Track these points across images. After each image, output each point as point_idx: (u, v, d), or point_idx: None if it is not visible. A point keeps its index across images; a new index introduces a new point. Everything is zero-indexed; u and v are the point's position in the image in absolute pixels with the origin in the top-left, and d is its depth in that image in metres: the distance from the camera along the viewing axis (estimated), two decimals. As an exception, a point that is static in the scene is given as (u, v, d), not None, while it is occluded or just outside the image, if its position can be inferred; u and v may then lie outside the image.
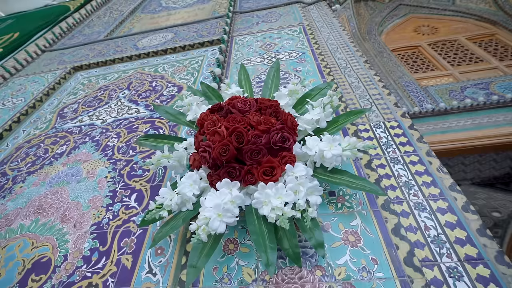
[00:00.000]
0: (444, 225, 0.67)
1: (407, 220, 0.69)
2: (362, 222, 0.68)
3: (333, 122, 0.80)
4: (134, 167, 1.04)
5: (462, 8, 3.98)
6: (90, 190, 1.00)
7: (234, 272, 0.65)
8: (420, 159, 0.83)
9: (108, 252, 0.80)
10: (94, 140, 1.23)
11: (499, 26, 3.57)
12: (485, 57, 3.25)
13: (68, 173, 1.10)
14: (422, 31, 3.91)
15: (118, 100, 1.47)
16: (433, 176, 0.78)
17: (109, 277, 0.74)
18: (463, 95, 2.77)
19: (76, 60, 2.00)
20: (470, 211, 0.68)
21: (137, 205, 0.90)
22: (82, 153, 1.18)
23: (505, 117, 2.52)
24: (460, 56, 3.37)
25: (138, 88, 1.52)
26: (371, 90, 1.12)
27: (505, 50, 3.28)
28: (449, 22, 3.90)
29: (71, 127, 1.36)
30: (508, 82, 2.80)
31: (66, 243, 0.85)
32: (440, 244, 0.64)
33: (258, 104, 0.79)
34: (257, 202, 0.64)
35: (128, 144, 1.16)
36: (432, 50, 3.54)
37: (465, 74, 3.12)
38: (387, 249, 0.63)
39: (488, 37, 3.53)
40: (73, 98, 1.60)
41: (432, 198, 0.73)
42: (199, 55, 1.69)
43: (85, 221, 0.90)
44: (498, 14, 3.70)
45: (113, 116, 1.36)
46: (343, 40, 1.49)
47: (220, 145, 0.67)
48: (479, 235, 0.64)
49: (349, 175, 0.69)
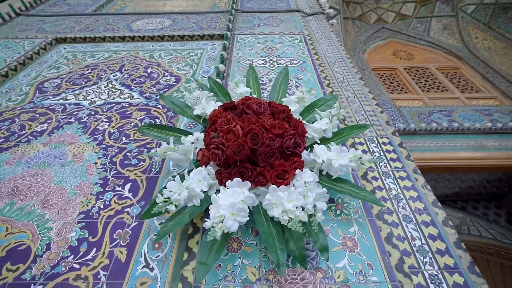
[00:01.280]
0: (427, 237, 0.75)
1: (396, 230, 0.76)
2: (359, 230, 0.74)
3: (338, 133, 0.85)
4: (128, 155, 1.00)
5: (435, 40, 4.40)
6: (77, 175, 0.94)
7: (238, 271, 0.66)
8: (408, 175, 0.91)
9: (99, 243, 0.75)
10: (81, 121, 1.15)
11: (463, 61, 4.01)
12: (450, 88, 3.62)
13: (50, 154, 1.01)
14: (400, 55, 4.24)
15: (108, 82, 1.38)
16: (418, 191, 0.86)
17: (100, 269, 0.70)
18: (430, 119, 3.06)
19: (59, 31, 1.84)
20: (448, 226, 0.78)
21: (132, 196, 0.87)
22: (67, 134, 1.09)
23: (462, 143, 2.84)
24: (430, 83, 3.71)
25: (131, 72, 1.45)
26: (365, 106, 1.20)
27: (466, 83, 3.69)
28: (423, 51, 4.28)
29: (53, 104, 1.25)
30: (466, 112, 3.16)
31: (49, 230, 0.79)
32: (424, 254, 0.71)
33: (271, 107, 0.81)
34: (268, 203, 0.66)
35: (121, 130, 1.10)
36: (407, 74, 3.85)
37: (433, 100, 3.45)
38: (381, 256, 0.68)
39: (454, 70, 3.94)
40: (55, 72, 1.47)
41: (417, 211, 0.81)
42: (198, 47, 1.66)
43: (71, 209, 0.84)
44: (463, 51, 4.14)
45: (103, 98, 1.28)
46: (340, 55, 1.57)
47: (235, 144, 0.68)
48: (455, 247, 0.73)
49: (351, 184, 0.75)
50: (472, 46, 4.07)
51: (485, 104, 3.25)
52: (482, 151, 2.75)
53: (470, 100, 3.35)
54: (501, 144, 2.75)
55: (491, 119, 2.98)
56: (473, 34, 4.10)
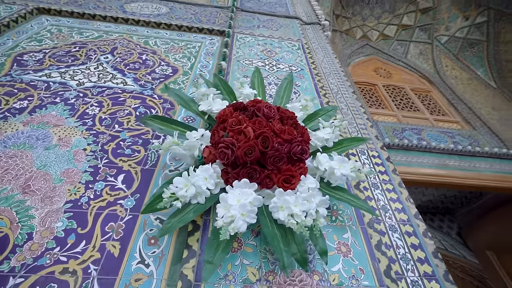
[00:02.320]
0: (410, 246, 0.82)
1: (384, 238, 0.82)
2: (352, 236, 0.78)
3: (338, 143, 0.89)
4: (121, 144, 0.95)
5: (411, 63, 4.74)
6: (63, 161, 0.87)
7: (238, 270, 0.66)
8: (394, 188, 0.98)
9: (89, 235, 0.71)
10: (67, 103, 1.07)
11: (434, 86, 4.37)
12: (421, 108, 3.93)
13: (31, 135, 0.93)
14: (380, 73, 4.50)
15: (99, 64, 1.30)
16: (403, 204, 0.94)
17: (90, 264, 0.66)
18: (403, 135, 3.30)
19: (41, 0, 1.68)
20: (428, 237, 0.85)
21: (125, 188, 0.83)
22: (51, 115, 1.01)
23: (428, 160, 3.10)
24: (404, 102, 4.00)
25: (124, 56, 1.37)
26: (358, 119, 1.26)
27: (435, 106, 4.04)
28: (401, 72, 4.59)
29: (34, 80, 1.15)
30: (434, 133, 3.46)
31: (31, 219, 0.72)
32: (406, 261, 0.78)
33: (280, 113, 0.82)
34: (274, 206, 0.67)
35: (113, 117, 1.04)
36: (385, 91, 4.11)
37: (406, 118, 3.71)
38: (372, 262, 0.73)
39: (425, 93, 4.28)
40: (37, 46, 1.34)
41: (402, 222, 0.88)
42: (196, 40, 1.62)
43: (57, 196, 0.78)
44: (435, 76, 4.52)
45: (92, 80, 1.19)
46: (335, 67, 1.63)
47: (246, 145, 0.69)
48: (433, 256, 0.81)
49: (348, 193, 0.79)
50: (442, 73, 4.46)
51: (449, 127, 3.58)
52: (444, 169, 3.03)
53: (437, 122, 3.66)
54: (460, 165, 3.05)
55: (453, 141, 3.28)
56: (444, 62, 4.49)
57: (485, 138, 3.40)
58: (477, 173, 2.98)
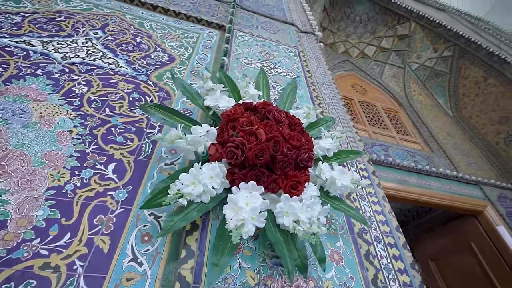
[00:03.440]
0: (392, 257, 0.88)
1: (370, 248, 0.86)
2: (343, 245, 0.82)
3: (336, 154, 0.92)
4: (112, 130, 0.88)
5: (385, 84, 5.10)
6: (44, 141, 0.78)
7: (237, 274, 0.65)
8: (378, 201, 1.05)
9: (75, 228, 0.65)
10: (51, 77, 0.96)
11: (402, 107, 4.76)
12: (389, 127, 4.25)
13: (5, 108, 0.81)
14: (356, 88, 4.77)
15: (88, 39, 1.18)
16: (386, 216, 1.00)
17: (76, 259, 0.60)
18: (372, 150, 3.53)
19: (20, -44, 1.48)
20: (406, 249, 0.93)
21: (117, 178, 0.77)
22: (31, 88, 0.89)
23: (391, 175, 3.36)
24: (375, 119, 4.29)
25: (116, 35, 1.27)
26: (348, 132, 1.32)
27: (401, 126, 4.39)
28: (375, 90, 4.92)
29: (10, 46, 1.01)
30: (398, 151, 3.76)
31: (4, 204, 0.63)
32: (389, 271, 0.84)
33: (288, 118, 0.83)
34: (279, 211, 0.67)
35: (104, 99, 0.96)
36: (360, 106, 4.36)
37: (376, 134, 3.99)
38: (361, 270, 0.77)
39: (394, 113, 4.64)
40: (13, 7, 1.18)
41: (385, 234, 0.94)
42: (193, 30, 1.56)
43: (36, 181, 0.69)
44: (403, 99, 4.92)
45: (80, 56, 1.09)
46: (327, 78, 1.69)
47: (258, 147, 0.68)
48: (411, 267, 0.88)
49: (344, 203, 0.82)
50: (410, 97, 4.87)
51: (411, 147, 3.91)
52: (404, 185, 3.30)
53: (402, 141, 3.98)
54: (418, 182, 3.35)
55: (414, 160, 3.60)
56: (412, 87, 4.90)
57: (440, 160, 3.78)
58: (431, 191, 3.28)
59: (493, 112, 3.98)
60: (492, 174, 3.63)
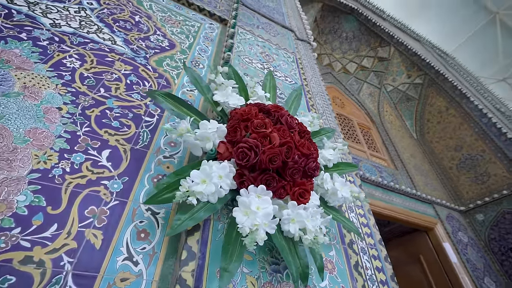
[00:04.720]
0: (375, 268, 0.92)
1: (358, 259, 0.90)
2: (336, 254, 0.84)
3: (335, 166, 0.95)
4: (107, 113, 0.80)
5: (362, 100, 5.40)
6: (29, 116, 0.68)
7: (238, 279, 0.63)
8: (364, 214, 1.10)
9: (62, 218, 0.57)
10: (38, 44, 0.84)
11: (375, 125, 5.08)
12: (362, 142, 4.50)
13: (-18, 72, 0.70)
14: (336, 101, 4.98)
15: (81, 9, 1.07)
16: (371, 229, 1.05)
17: (64, 254, 0.53)
18: (345, 162, 3.71)
19: None
20: (387, 262, 0.98)
21: (111, 167, 0.70)
22: (13, 52, 0.78)
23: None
24: (350, 133, 4.52)
25: (113, 10, 1.17)
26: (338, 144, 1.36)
27: (372, 143, 4.68)
28: (352, 106, 5.18)
29: (-11, 0, 0.87)
30: (368, 165, 4.00)
31: (-23, 184, 0.54)
32: (372, 282, 0.88)
33: (298, 124, 0.83)
34: (286, 218, 0.67)
35: (99, 78, 0.87)
36: (338, 119, 4.57)
37: (350, 147, 4.19)
38: (351, 281, 0.80)
39: (367, 129, 4.93)
40: (-6, -44, 1.02)
41: (370, 246, 0.98)
42: (195, 19, 1.50)
43: (18, 161, 0.60)
44: (376, 117, 5.25)
45: (72, 26, 0.98)
46: (321, 89, 1.74)
47: (272, 152, 0.67)
48: (391, 280, 0.93)
49: (341, 214, 0.84)
50: (382, 116, 5.20)
51: (380, 163, 4.18)
52: (370, 198, 3.51)
53: (372, 156, 4.23)
54: (382, 196, 3.58)
55: (381, 175, 3.85)
56: (385, 107, 5.25)
57: (403, 178, 4.08)
58: (392, 205, 3.52)
59: (451, 139, 4.41)
60: (444, 195, 4.02)
